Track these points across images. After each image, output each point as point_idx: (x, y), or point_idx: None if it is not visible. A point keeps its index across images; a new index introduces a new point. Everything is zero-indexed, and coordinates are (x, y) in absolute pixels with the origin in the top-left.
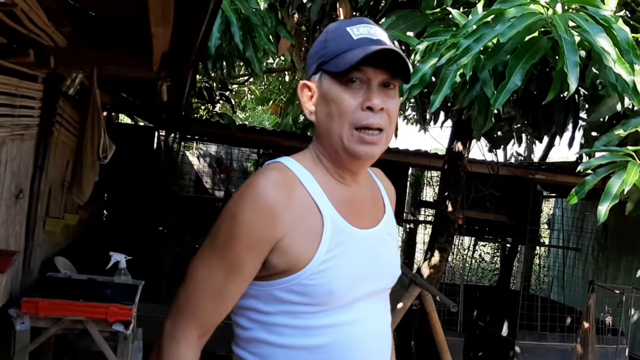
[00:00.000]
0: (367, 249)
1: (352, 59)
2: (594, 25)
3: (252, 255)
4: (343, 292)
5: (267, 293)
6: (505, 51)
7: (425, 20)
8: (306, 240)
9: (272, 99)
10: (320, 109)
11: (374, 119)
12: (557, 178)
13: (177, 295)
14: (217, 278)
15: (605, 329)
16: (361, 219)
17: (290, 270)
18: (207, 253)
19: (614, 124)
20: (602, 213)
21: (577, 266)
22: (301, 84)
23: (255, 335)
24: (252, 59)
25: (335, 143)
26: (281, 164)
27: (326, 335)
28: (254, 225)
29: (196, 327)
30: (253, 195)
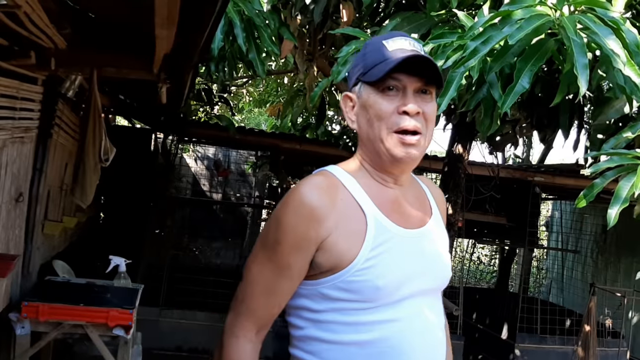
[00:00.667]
0: (414, 248)
1: (386, 67)
2: (603, 27)
3: (298, 255)
4: (390, 288)
5: (316, 292)
6: (512, 53)
7: (430, 22)
8: (350, 239)
9: (270, 101)
10: (361, 117)
11: (410, 122)
12: (556, 180)
13: (236, 294)
14: (268, 277)
15: (606, 331)
16: (406, 219)
17: (336, 268)
18: (259, 255)
19: (619, 126)
20: (612, 216)
21: (575, 268)
22: (344, 95)
23: (308, 334)
24: (255, 60)
25: (376, 147)
26: (326, 171)
27: (376, 330)
28: (297, 227)
29: (253, 322)
30: (296, 200)
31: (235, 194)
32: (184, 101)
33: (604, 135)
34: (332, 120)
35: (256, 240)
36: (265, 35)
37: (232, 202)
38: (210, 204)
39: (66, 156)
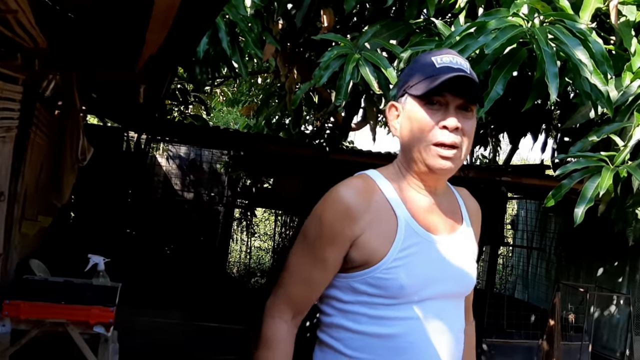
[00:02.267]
0: (440, 254)
1: (431, 85)
2: (572, 38)
3: (334, 249)
4: (413, 288)
5: (347, 284)
6: (487, 61)
7: (408, 29)
8: (381, 238)
9: (243, 101)
10: (404, 127)
11: (448, 137)
12: (523, 180)
13: (278, 280)
14: (306, 267)
15: (569, 326)
16: (436, 226)
17: (367, 264)
18: (299, 246)
19: (586, 130)
20: (578, 215)
21: (540, 265)
22: (390, 104)
23: (335, 322)
24: (238, 63)
25: (415, 156)
26: (365, 174)
27: (397, 326)
28: (334, 224)
29: (289, 306)
30: (335, 199)
31: (207, 193)
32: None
33: (571, 139)
34: (306, 120)
35: (298, 234)
36: (249, 39)
37: (205, 201)
38: (182, 203)
39: (42, 155)
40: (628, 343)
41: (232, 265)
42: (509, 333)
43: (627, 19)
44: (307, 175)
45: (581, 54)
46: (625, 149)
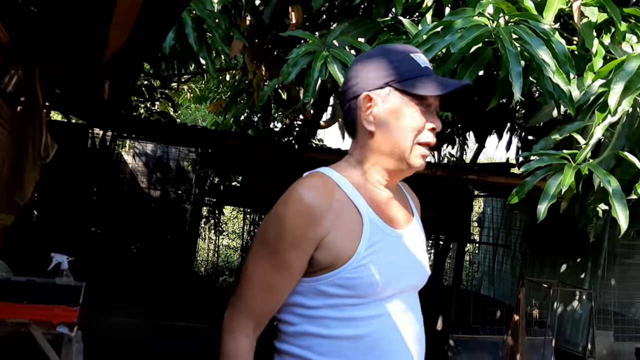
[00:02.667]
0: (401, 247)
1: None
2: (535, 38)
3: (297, 252)
4: (382, 284)
5: (313, 288)
6: (453, 60)
7: (376, 27)
8: (348, 237)
9: (211, 98)
10: (386, 122)
11: (433, 139)
12: (489, 178)
13: (234, 290)
14: (267, 274)
15: (533, 321)
16: (394, 220)
17: (334, 265)
18: (258, 252)
19: (549, 129)
20: (541, 211)
21: (505, 262)
22: (364, 94)
23: (301, 329)
24: (205, 59)
25: (397, 153)
26: (320, 172)
27: (367, 326)
28: (296, 225)
29: (250, 318)
30: (296, 199)
31: (174, 191)
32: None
33: (534, 137)
34: (274, 117)
35: (254, 239)
36: (216, 35)
37: (172, 199)
38: (149, 201)
39: (3, 152)
40: (590, 337)
41: (199, 263)
42: (475, 329)
43: (589, 20)
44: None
45: (544, 54)
46: (587, 147)
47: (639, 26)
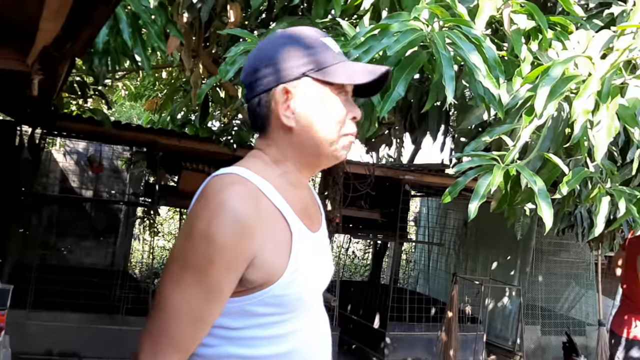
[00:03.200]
0: (318, 250)
1: (365, 75)
2: (467, 43)
3: (231, 274)
4: (307, 296)
5: (239, 309)
6: (389, 63)
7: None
8: (278, 251)
9: (147, 95)
10: (307, 115)
11: (355, 128)
12: (424, 179)
13: (151, 326)
14: (196, 303)
15: (466, 317)
16: (312, 222)
17: (267, 284)
18: (181, 278)
19: (479, 131)
20: (472, 210)
21: (440, 260)
22: (281, 87)
23: (222, 351)
24: (141, 55)
25: (321, 147)
26: (237, 175)
27: (293, 340)
28: (233, 245)
29: (176, 354)
30: (229, 215)
31: (108, 191)
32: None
33: (466, 139)
34: (212, 116)
35: (170, 262)
36: (152, 31)
37: (104, 199)
38: (80, 201)
39: None
40: (519, 332)
41: (134, 265)
42: (410, 325)
43: (519, 28)
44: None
45: (476, 59)
46: (514, 149)
47: (564, 34)
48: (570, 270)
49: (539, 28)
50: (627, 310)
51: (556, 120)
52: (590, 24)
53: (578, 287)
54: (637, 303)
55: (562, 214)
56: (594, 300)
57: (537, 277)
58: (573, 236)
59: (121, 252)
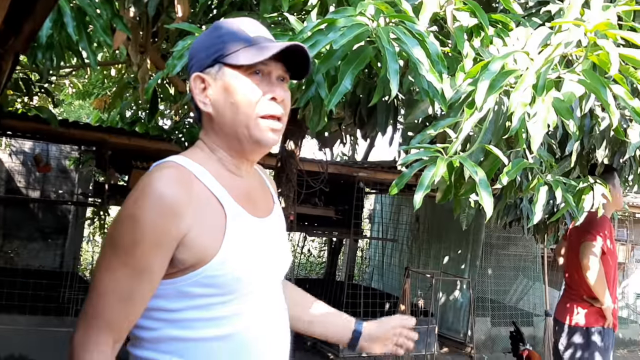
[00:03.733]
0: (265, 237)
1: (263, 53)
2: (411, 38)
3: (158, 254)
4: (249, 279)
5: (175, 290)
6: (337, 57)
7: (263, 23)
8: (211, 232)
9: (95, 93)
10: (222, 101)
11: (277, 109)
12: (378, 175)
13: (84, 307)
14: (126, 283)
15: (418, 311)
16: (256, 208)
17: (199, 264)
18: (111, 260)
19: (426, 125)
20: (417, 201)
21: (394, 255)
22: (195, 75)
23: (163, 334)
24: (86, 50)
25: (240, 132)
26: (173, 162)
27: (236, 323)
28: (157, 225)
29: (109, 335)
30: (153, 195)
31: (55, 191)
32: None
33: (413, 133)
34: (163, 114)
35: (103, 245)
36: (97, 25)
37: (52, 200)
38: (27, 202)
39: None
40: (470, 324)
41: (84, 267)
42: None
43: (461, 25)
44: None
45: (419, 53)
46: (457, 141)
47: (505, 31)
48: (518, 263)
49: (481, 25)
50: (569, 299)
51: (496, 113)
52: (529, 21)
53: (526, 280)
54: (579, 291)
55: (506, 207)
56: (541, 292)
57: (487, 270)
58: (520, 230)
59: (70, 253)
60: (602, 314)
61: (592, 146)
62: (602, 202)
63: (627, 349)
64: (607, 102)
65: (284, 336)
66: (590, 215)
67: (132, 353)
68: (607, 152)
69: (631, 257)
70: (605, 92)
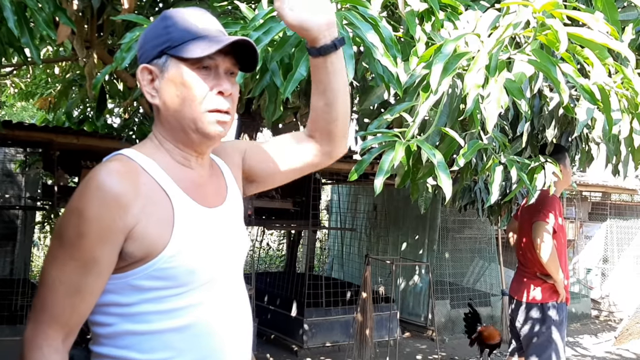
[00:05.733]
0: (218, 226)
1: (210, 47)
2: (364, 23)
3: (105, 248)
4: (203, 269)
5: (126, 284)
6: (290, 44)
7: (213, 12)
8: (159, 224)
9: (39, 93)
10: (168, 93)
11: (224, 103)
12: (333, 166)
13: (33, 302)
14: (73, 277)
15: (380, 297)
16: (208, 198)
17: (148, 257)
18: (57, 254)
19: (381, 111)
20: (377, 186)
21: (353, 244)
22: (142, 67)
23: (119, 329)
24: (28, 45)
25: (186, 125)
26: (121, 155)
27: (192, 314)
28: (102, 218)
29: (58, 329)
30: (97, 188)
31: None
32: None
33: (369, 120)
34: (112, 112)
35: (51, 240)
36: (39, 19)
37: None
38: None
39: None
40: (430, 308)
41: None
42: (327, 310)
43: (412, 9)
44: None
45: (373, 37)
46: (414, 124)
47: (455, 15)
48: (474, 245)
49: (432, 10)
50: (523, 276)
51: (451, 96)
52: (478, 5)
53: (482, 261)
54: (533, 269)
55: (461, 190)
56: (497, 272)
57: (444, 254)
58: (475, 213)
59: (21, 260)
60: (556, 290)
61: (541, 126)
62: (553, 180)
63: (580, 322)
64: (558, 80)
65: (244, 325)
66: (541, 194)
67: (92, 350)
68: (556, 132)
69: (580, 234)
70: (555, 70)
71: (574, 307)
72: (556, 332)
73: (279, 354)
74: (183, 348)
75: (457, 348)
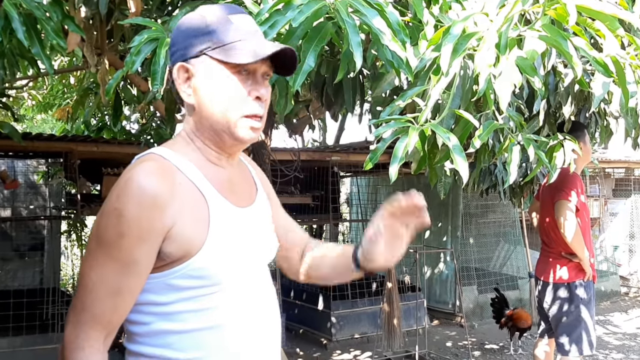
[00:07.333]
0: (250, 226)
1: (256, 54)
2: (370, 9)
3: (144, 248)
4: (236, 268)
5: (163, 283)
6: (297, 36)
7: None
8: (196, 224)
9: (57, 104)
10: (205, 94)
11: (260, 109)
12: (351, 158)
13: (73, 302)
14: (113, 277)
15: (406, 287)
16: (239, 198)
17: (186, 256)
18: (96, 255)
19: (393, 98)
20: (392, 173)
21: None
22: (179, 65)
23: (155, 328)
24: (39, 56)
25: (219, 128)
26: (154, 154)
27: (225, 312)
28: (141, 218)
29: (99, 329)
30: (135, 189)
31: (27, 207)
32: None
33: (382, 107)
34: (129, 118)
35: (88, 241)
36: (48, 28)
37: (24, 216)
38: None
39: None
40: (457, 294)
41: (65, 282)
42: (354, 302)
43: None
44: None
45: (380, 23)
46: (426, 108)
47: None
48: (498, 229)
49: None
50: (548, 256)
51: (463, 77)
52: None
53: (507, 245)
54: (557, 248)
55: (481, 173)
56: (523, 255)
57: (469, 240)
58: (497, 197)
59: (50, 269)
60: (582, 268)
61: (558, 104)
62: (573, 157)
63: (610, 300)
64: (570, 54)
65: (273, 322)
66: (561, 172)
67: (127, 348)
68: (573, 109)
69: (605, 211)
70: (566, 44)
71: (602, 285)
72: (585, 311)
73: (309, 347)
74: (215, 346)
75: (487, 333)
